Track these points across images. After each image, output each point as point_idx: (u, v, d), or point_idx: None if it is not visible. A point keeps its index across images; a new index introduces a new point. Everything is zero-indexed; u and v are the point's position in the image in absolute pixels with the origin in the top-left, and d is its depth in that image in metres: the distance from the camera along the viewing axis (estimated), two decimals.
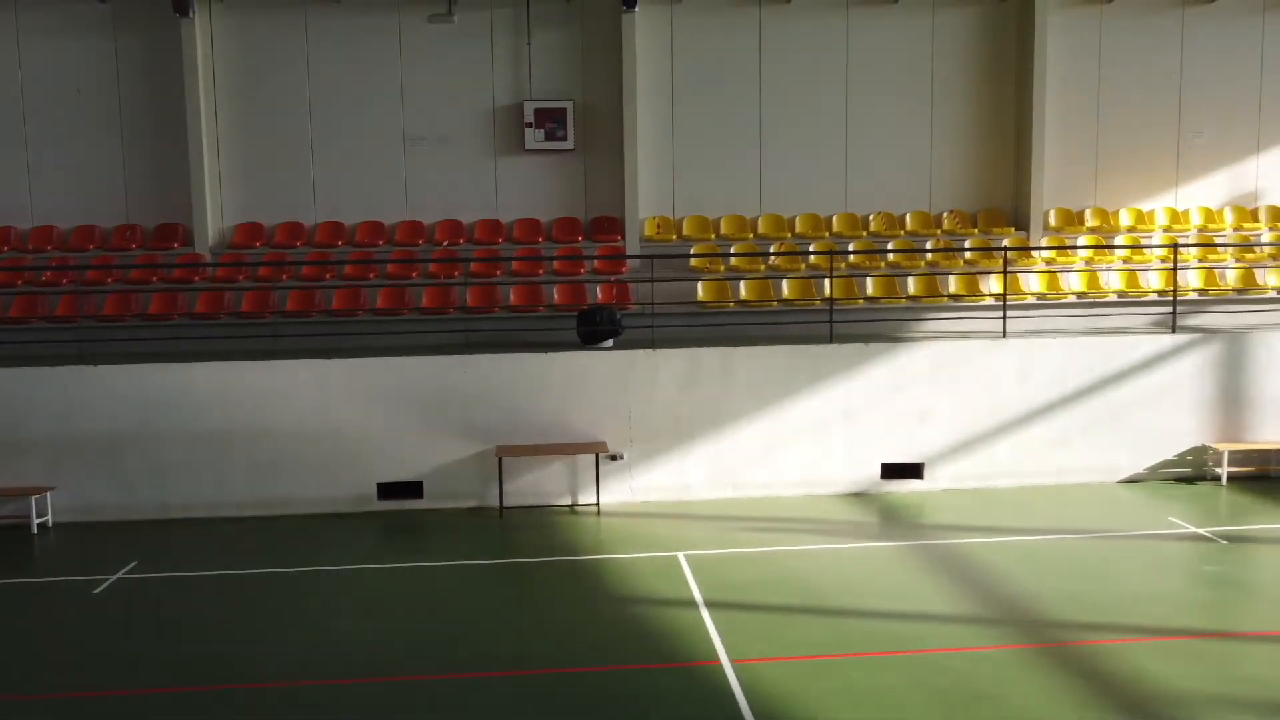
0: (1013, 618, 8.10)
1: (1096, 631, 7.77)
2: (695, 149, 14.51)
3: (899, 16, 14.53)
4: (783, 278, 13.63)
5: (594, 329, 12.00)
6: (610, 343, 12.14)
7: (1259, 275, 14.21)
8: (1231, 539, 10.06)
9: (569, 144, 14.24)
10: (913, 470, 12.11)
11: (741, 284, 13.50)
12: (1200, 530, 10.32)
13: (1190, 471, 12.41)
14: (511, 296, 13.24)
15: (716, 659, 7.35)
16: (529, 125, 14.14)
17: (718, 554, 9.94)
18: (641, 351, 11.78)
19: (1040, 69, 14.33)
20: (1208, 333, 12.51)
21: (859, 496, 11.97)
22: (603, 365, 11.75)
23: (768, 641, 7.69)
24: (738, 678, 7.00)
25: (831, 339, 12.15)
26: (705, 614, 8.26)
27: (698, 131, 14.48)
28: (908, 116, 14.72)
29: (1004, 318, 12.47)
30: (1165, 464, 12.39)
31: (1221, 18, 14.88)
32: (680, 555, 9.83)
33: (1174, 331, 12.48)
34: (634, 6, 13.76)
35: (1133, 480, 12.35)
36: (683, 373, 11.80)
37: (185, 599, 9.12)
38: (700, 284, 13.51)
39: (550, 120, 14.22)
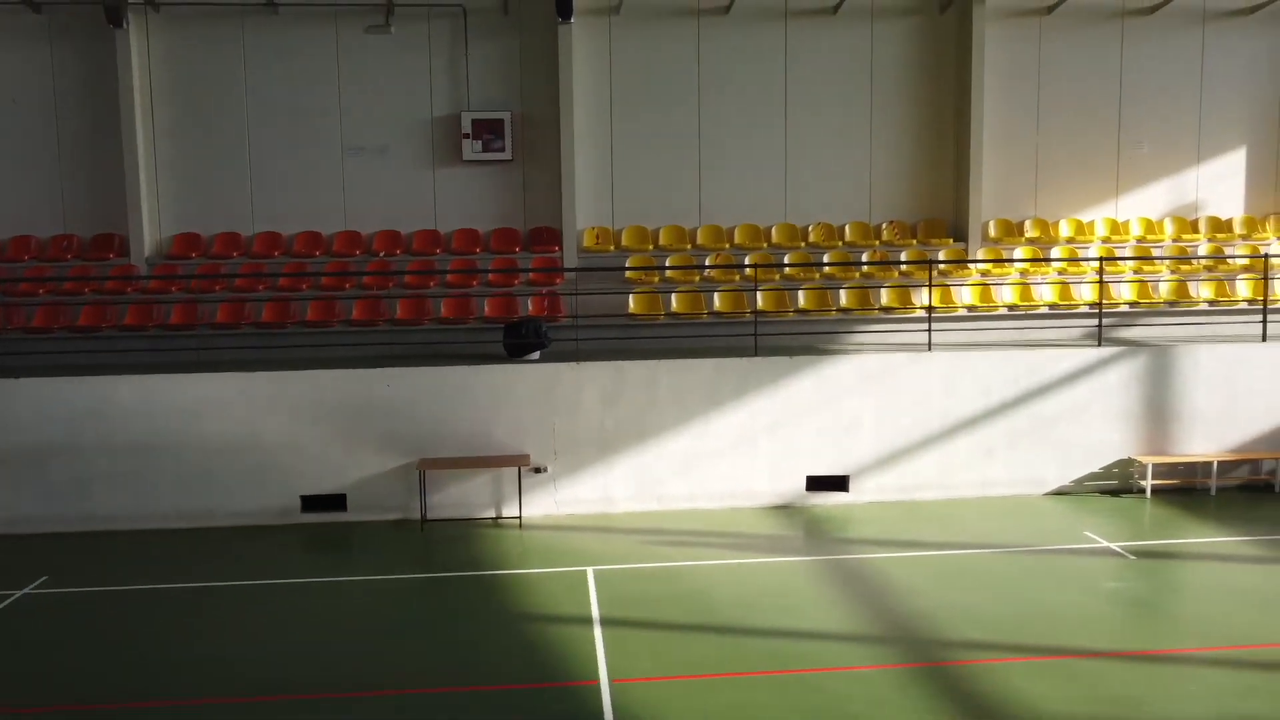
0: (903, 636, 8.13)
1: (980, 650, 7.80)
2: (634, 160, 14.54)
3: (838, 28, 14.55)
4: (713, 290, 13.65)
5: (519, 342, 12.02)
6: (537, 355, 12.17)
7: (1192, 288, 14.26)
8: (1141, 554, 10.09)
9: (507, 155, 14.26)
10: (838, 483, 12.14)
11: (673, 297, 13.52)
12: (1113, 545, 10.35)
13: (1116, 484, 12.45)
14: (442, 309, 13.26)
15: (596, 678, 7.37)
16: (466, 136, 14.16)
17: (628, 569, 9.96)
18: (565, 365, 11.80)
19: (978, 80, 14.36)
20: (1134, 346, 12.54)
21: (784, 509, 12.00)
22: (526, 378, 11.77)
23: (652, 660, 7.71)
24: (611, 699, 7.02)
25: (756, 352, 12.18)
26: (598, 631, 8.28)
27: (637, 142, 14.51)
28: (847, 127, 14.75)
29: (929, 331, 12.50)
30: (1091, 477, 12.42)
31: (1161, 29, 14.93)
32: (590, 570, 9.85)
33: (1100, 344, 12.52)
34: (570, 18, 13.78)
35: (1059, 493, 12.38)
36: (607, 386, 11.82)
37: (88, 615, 9.09)
38: (631, 297, 13.53)
39: (488, 131, 14.24)
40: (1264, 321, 12.87)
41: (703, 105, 14.55)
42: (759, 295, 13.38)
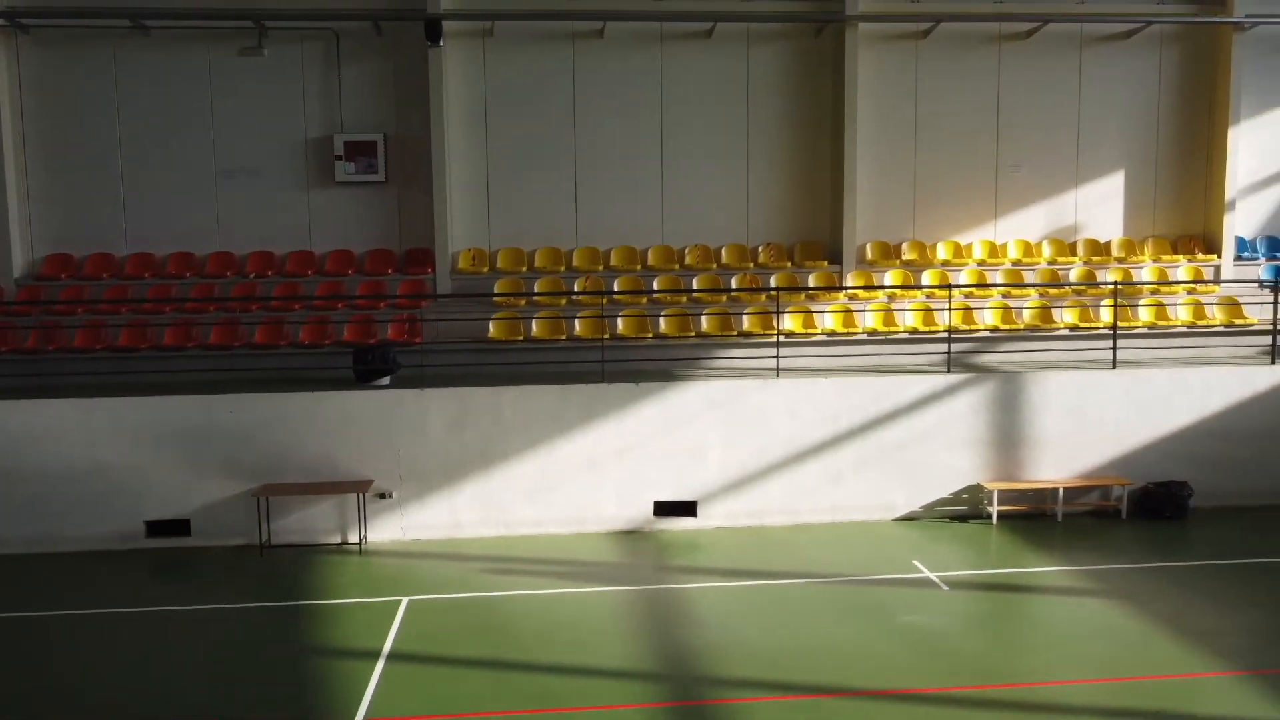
0: (677, 673, 8.20)
1: (743, 688, 7.87)
2: (511, 181, 14.59)
3: (713, 51, 14.61)
4: (574, 316, 13.71)
5: (367, 368, 12.08)
6: (387, 380, 12.22)
7: (1056, 313, 14.31)
8: (958, 585, 10.16)
9: (380, 177, 14.30)
10: (686, 508, 12.20)
11: (534, 322, 13.57)
12: (933, 575, 10.43)
13: (966, 510, 12.54)
14: (301, 333, 13.31)
15: (353, 717, 7.44)
16: (339, 158, 14.20)
17: (445, 599, 10.03)
18: (410, 391, 11.86)
19: (852, 103, 14.42)
20: (987, 372, 12.63)
21: (631, 534, 12.07)
22: (371, 404, 11.83)
23: (420, 698, 7.77)
24: None
25: (604, 378, 12.25)
26: (380, 666, 8.35)
27: (513, 164, 14.56)
28: (724, 150, 14.81)
29: (777, 357, 12.58)
30: (941, 502, 12.51)
31: (1039, 53, 15.00)
32: (405, 600, 9.91)
33: (949, 371, 12.60)
34: (439, 42, 13.83)
35: (909, 518, 12.47)
36: (453, 411, 11.88)
37: None
38: (491, 322, 13.57)
39: (361, 153, 14.28)
40: (1114, 349, 12.96)
41: (579, 128, 14.61)
42: (617, 321, 13.48)
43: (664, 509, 12.18)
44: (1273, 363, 12.97)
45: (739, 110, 14.78)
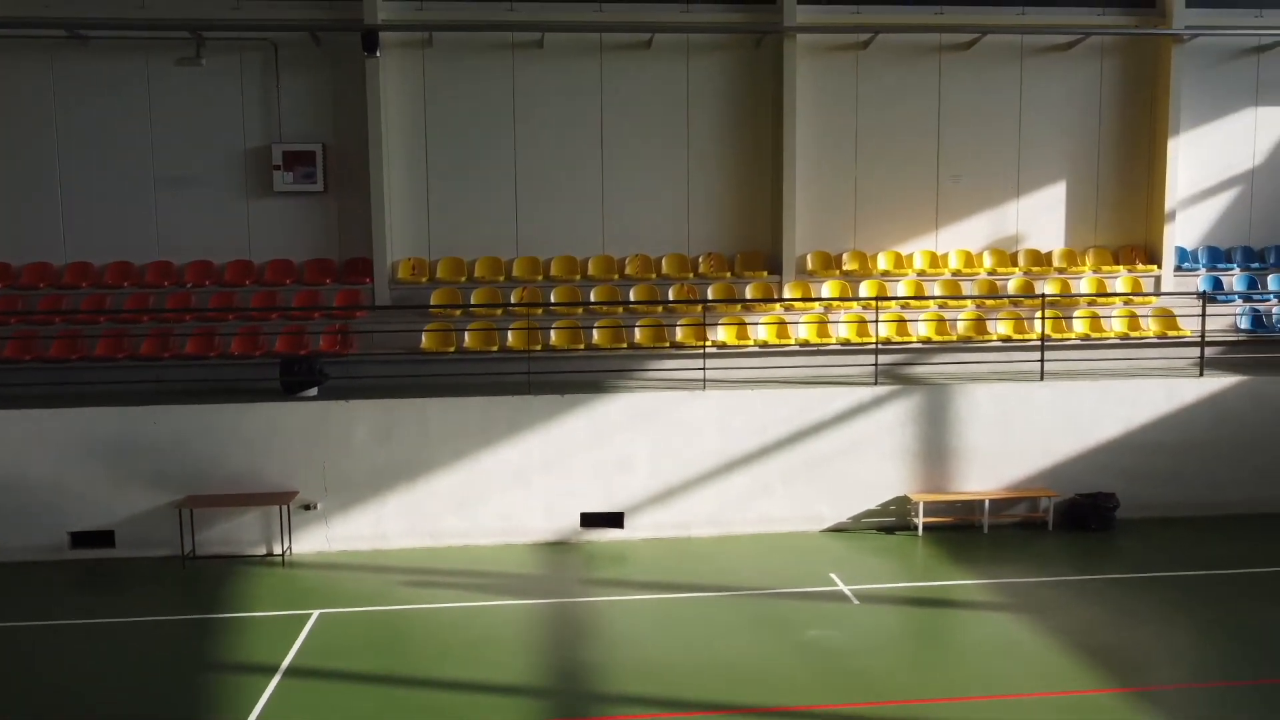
0: (564, 689, 8.23)
1: (628, 705, 7.90)
2: (451, 191, 14.62)
3: (653, 62, 14.64)
4: (507, 327, 13.73)
5: (294, 379, 12.10)
6: (314, 392, 12.25)
7: (990, 325, 14.33)
8: (869, 599, 10.20)
9: (319, 186, 14.33)
10: (613, 519, 12.24)
11: (465, 333, 13.60)
12: (847, 589, 10.46)
13: (894, 521, 12.57)
14: (233, 344, 13.33)
15: None
16: (277, 168, 14.23)
17: (358, 611, 10.05)
18: (335, 403, 11.89)
19: (791, 113, 14.45)
20: (912, 384, 12.66)
21: (557, 546, 12.10)
22: (297, 416, 11.85)
23: (307, 714, 7.80)
24: None
25: (530, 390, 12.28)
26: (275, 681, 8.37)
27: (453, 173, 14.59)
28: (665, 160, 14.84)
29: (704, 369, 12.62)
30: (869, 514, 12.54)
31: (979, 64, 15.05)
32: (315, 614, 9.94)
33: (876, 383, 12.63)
34: (376, 52, 13.86)
35: (837, 529, 12.50)
36: (379, 423, 11.90)
37: None
38: (424, 334, 13.59)
39: (300, 163, 14.31)
40: (1042, 361, 13.00)
41: (519, 137, 14.64)
42: (550, 333, 13.53)
43: (591, 520, 12.21)
44: (1200, 375, 13.03)
45: (679, 121, 14.82)
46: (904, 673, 8.50)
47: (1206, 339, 13.85)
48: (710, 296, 14.34)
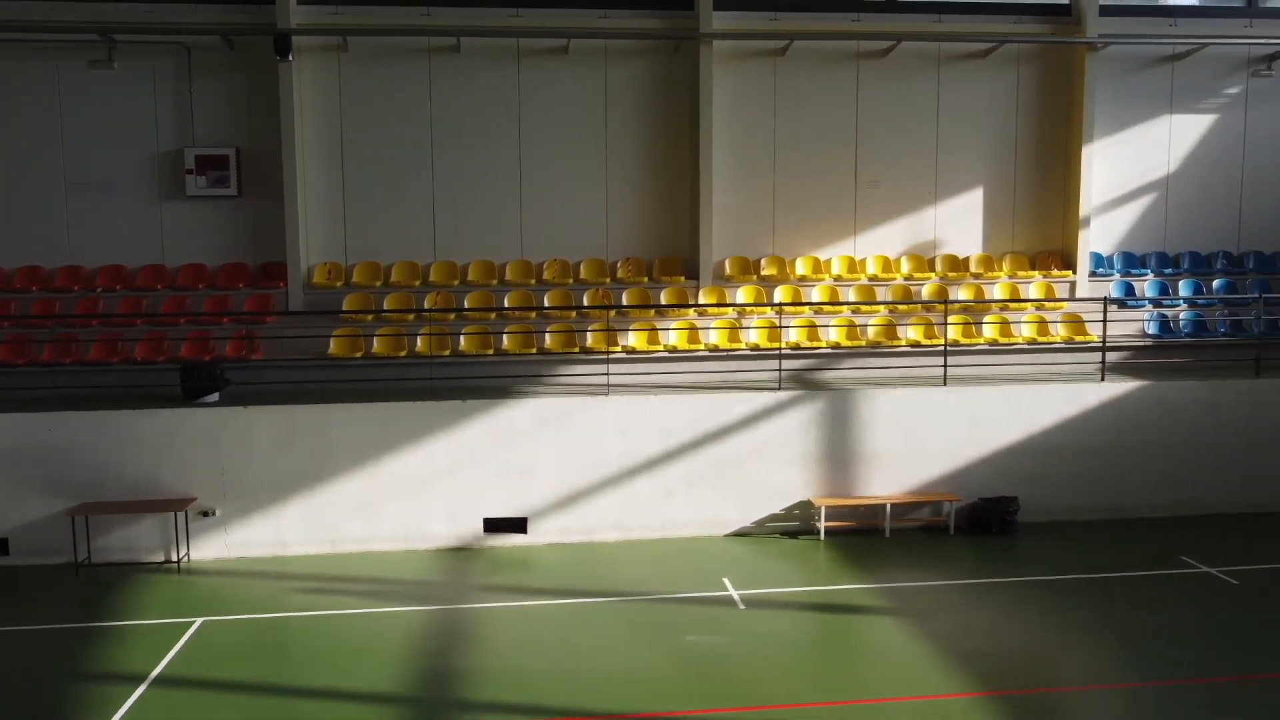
0: (430, 697, 8.24)
1: (490, 713, 7.92)
2: (368, 195, 14.57)
3: (571, 66, 14.66)
4: (416, 333, 13.71)
5: (193, 385, 12.04)
6: (215, 397, 12.19)
7: (901, 330, 14.44)
8: (757, 603, 10.26)
9: (232, 191, 14.27)
10: (517, 525, 12.24)
11: (374, 339, 13.58)
12: (737, 593, 10.51)
13: (799, 525, 12.64)
14: (137, 350, 13.24)
15: None
16: (190, 172, 14.16)
17: (243, 619, 10.01)
18: (234, 409, 11.84)
19: (707, 119, 14.50)
20: (817, 389, 12.74)
21: (460, 552, 12.09)
22: (196, 422, 11.79)
23: None
24: None
25: (434, 395, 12.28)
26: (140, 691, 8.33)
27: (370, 178, 14.55)
28: (584, 165, 14.86)
29: (608, 374, 12.66)
30: (773, 518, 12.61)
31: (897, 71, 15.15)
32: (199, 621, 9.89)
33: (780, 388, 12.71)
34: (289, 56, 13.81)
35: (741, 534, 12.56)
36: (279, 429, 11.86)
37: None
38: (331, 339, 13.55)
39: (214, 167, 14.23)
40: (945, 366, 13.11)
41: (437, 142, 14.62)
42: (460, 338, 13.53)
43: (494, 526, 12.21)
44: (1102, 380, 13.17)
45: (598, 126, 14.84)
46: (772, 677, 8.55)
47: (1115, 344, 14.01)
48: (626, 302, 14.40)
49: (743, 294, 14.63)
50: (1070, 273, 15.35)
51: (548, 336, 13.77)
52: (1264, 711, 7.84)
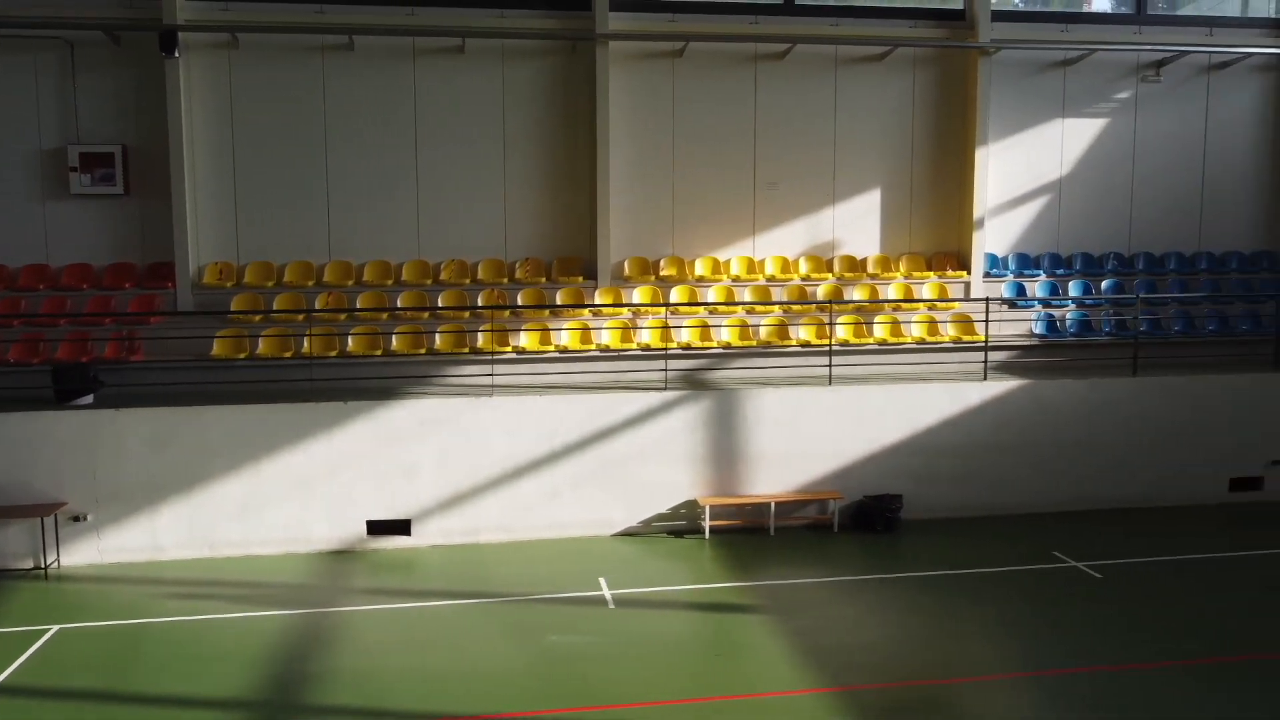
0: (274, 700, 8.16)
1: (323, 716, 7.86)
2: (260, 194, 14.36)
3: (468, 65, 14.59)
4: (304, 334, 13.56)
5: (65, 387, 11.80)
6: (90, 399, 11.95)
7: (792, 330, 14.57)
8: (628, 603, 10.29)
9: (118, 189, 13.99)
10: (400, 526, 12.16)
11: (260, 340, 13.40)
12: (609, 593, 10.54)
13: (685, 525, 12.71)
14: (11, 351, 12.95)
15: None
16: (74, 170, 13.86)
17: (101, 626, 9.82)
18: (106, 411, 11.62)
19: (603, 119, 14.51)
20: (702, 389, 12.82)
21: (342, 554, 11.98)
22: (68, 425, 11.55)
23: None
24: None
25: (315, 396, 12.16)
26: None
27: (263, 176, 14.34)
28: (482, 164, 14.78)
29: (492, 375, 12.63)
30: (660, 518, 12.66)
31: (794, 73, 15.28)
32: (54, 628, 9.69)
33: (665, 388, 12.77)
34: (175, 52, 13.57)
35: (628, 534, 12.59)
36: (154, 432, 11.66)
37: None
38: (215, 340, 13.36)
39: (99, 165, 13.95)
40: (829, 365, 13.27)
41: (331, 140, 14.45)
42: (348, 339, 13.43)
43: (377, 528, 12.11)
44: (984, 378, 13.41)
45: (496, 125, 14.78)
46: (627, 676, 8.58)
47: (1003, 344, 14.26)
48: (522, 302, 14.36)
49: (640, 294, 14.67)
50: (965, 273, 15.60)
51: (438, 337, 13.70)
52: (1106, 700, 8.02)
